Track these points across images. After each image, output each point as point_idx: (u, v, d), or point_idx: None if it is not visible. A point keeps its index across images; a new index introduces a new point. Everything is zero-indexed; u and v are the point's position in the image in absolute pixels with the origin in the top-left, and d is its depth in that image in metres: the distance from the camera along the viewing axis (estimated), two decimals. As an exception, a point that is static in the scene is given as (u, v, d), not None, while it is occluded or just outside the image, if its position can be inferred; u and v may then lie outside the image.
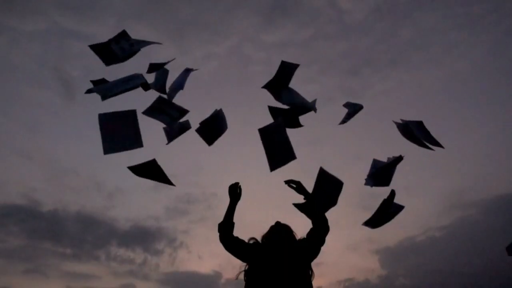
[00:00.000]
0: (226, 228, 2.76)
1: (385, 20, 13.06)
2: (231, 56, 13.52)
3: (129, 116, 2.95)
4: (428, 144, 3.38)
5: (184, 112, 3.54)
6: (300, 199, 2.84)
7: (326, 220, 2.72)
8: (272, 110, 3.52)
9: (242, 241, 2.76)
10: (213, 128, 3.48)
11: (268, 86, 3.43)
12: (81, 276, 12.64)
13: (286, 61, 3.37)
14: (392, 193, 3.10)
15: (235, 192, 2.90)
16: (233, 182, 2.95)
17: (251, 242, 2.79)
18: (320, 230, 2.67)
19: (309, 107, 3.47)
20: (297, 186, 2.85)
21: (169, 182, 3.02)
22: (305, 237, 2.72)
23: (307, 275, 2.58)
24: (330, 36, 13.12)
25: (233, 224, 2.81)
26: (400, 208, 3.25)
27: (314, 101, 3.52)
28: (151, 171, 2.90)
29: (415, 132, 3.37)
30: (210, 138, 3.46)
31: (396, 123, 3.53)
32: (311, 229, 2.69)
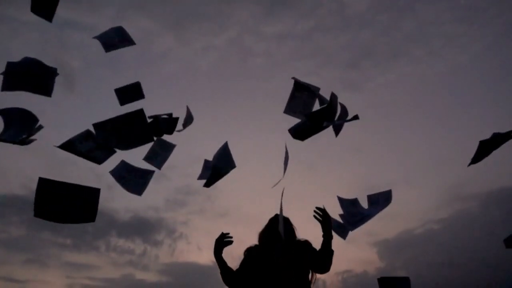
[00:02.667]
0: (230, 281, 2.67)
1: (386, 12, 12.98)
2: (230, 47, 13.44)
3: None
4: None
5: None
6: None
7: (330, 264, 2.56)
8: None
9: (243, 268, 2.71)
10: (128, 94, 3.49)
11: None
12: (81, 266, 12.73)
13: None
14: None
15: (220, 245, 2.72)
16: (222, 234, 2.74)
17: (246, 253, 2.78)
18: (320, 268, 2.59)
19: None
20: (323, 219, 2.57)
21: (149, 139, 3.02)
22: (306, 242, 2.70)
23: (304, 278, 2.57)
24: (330, 28, 13.04)
25: (231, 272, 2.71)
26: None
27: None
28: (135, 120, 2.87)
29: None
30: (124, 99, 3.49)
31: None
32: (315, 260, 2.58)
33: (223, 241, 2.71)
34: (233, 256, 2.84)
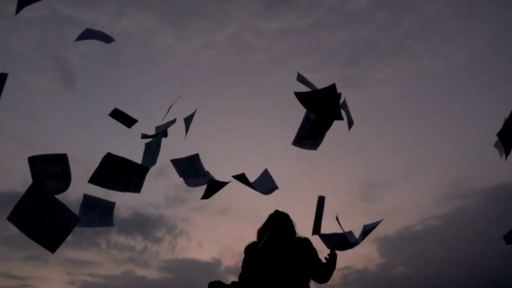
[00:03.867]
0: None
1: (386, 8, 12.94)
2: (230, 44, 13.41)
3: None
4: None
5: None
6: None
7: (330, 277, 2.62)
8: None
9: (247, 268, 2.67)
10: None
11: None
12: (81, 263, 12.73)
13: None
14: None
15: None
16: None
17: (246, 251, 2.75)
18: (320, 280, 2.63)
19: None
20: (330, 259, 2.64)
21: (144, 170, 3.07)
22: (306, 240, 2.71)
23: (304, 276, 2.57)
24: (331, 25, 13.00)
25: None
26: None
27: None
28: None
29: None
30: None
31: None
32: (316, 271, 2.62)
33: None
34: (234, 253, 2.85)
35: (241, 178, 2.99)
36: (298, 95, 2.91)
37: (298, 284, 2.50)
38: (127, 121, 3.55)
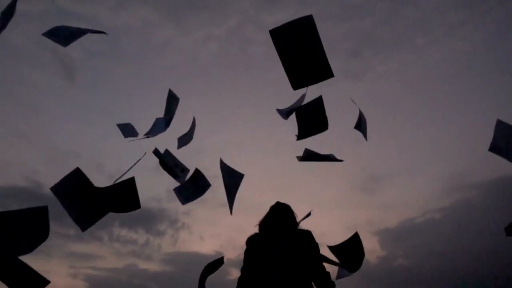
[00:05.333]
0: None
1: (387, 0, 12.86)
2: (231, 37, 13.36)
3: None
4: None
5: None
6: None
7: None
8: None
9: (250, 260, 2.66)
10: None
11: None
12: (84, 256, 12.82)
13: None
14: None
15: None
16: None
17: (248, 242, 2.73)
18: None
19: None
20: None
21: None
22: (308, 233, 2.67)
23: (306, 269, 2.53)
24: (331, 17, 12.94)
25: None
26: None
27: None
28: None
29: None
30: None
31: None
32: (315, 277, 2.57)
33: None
34: (235, 246, 2.86)
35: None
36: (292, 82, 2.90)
37: (299, 278, 2.49)
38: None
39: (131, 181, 3.00)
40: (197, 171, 3.91)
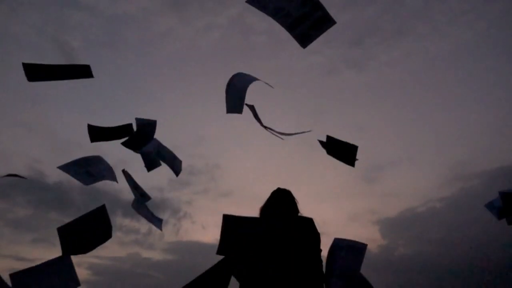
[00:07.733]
0: None
1: (391, -12, 12.70)
2: (232, 26, 13.25)
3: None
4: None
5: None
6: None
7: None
8: None
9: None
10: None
11: None
12: (87, 245, 12.90)
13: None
14: None
15: None
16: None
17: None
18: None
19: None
20: None
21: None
22: (309, 220, 2.64)
23: (307, 256, 2.49)
24: (334, 5, 12.77)
25: None
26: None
27: None
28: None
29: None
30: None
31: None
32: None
33: None
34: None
35: None
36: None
37: (301, 264, 2.46)
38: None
39: (102, 208, 3.04)
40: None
